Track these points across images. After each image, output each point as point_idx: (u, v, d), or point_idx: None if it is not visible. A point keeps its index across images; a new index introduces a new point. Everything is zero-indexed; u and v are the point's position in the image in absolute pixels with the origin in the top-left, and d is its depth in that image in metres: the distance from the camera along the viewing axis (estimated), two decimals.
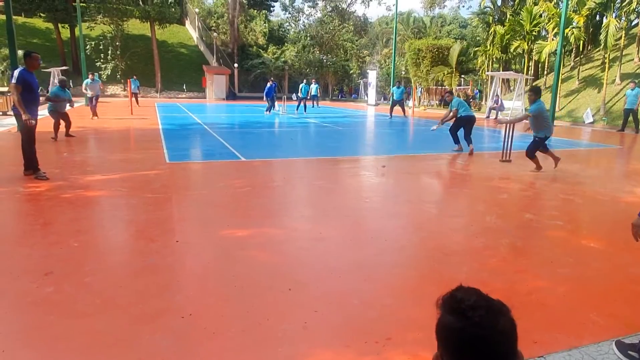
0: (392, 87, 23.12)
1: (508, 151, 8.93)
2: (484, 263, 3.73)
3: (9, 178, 6.46)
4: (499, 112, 22.10)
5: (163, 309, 2.87)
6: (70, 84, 31.34)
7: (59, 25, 35.65)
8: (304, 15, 49.99)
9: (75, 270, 3.42)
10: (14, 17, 11.76)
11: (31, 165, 6.55)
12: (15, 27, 11.90)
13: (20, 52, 6.95)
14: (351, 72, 48.68)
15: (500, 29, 27.30)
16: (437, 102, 34.83)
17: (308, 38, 46.06)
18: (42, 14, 35.40)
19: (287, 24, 51.70)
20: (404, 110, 21.87)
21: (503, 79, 26.85)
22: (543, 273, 3.56)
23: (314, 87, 26.16)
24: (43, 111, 9.39)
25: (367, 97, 37.45)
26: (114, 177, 6.69)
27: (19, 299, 2.98)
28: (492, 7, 31.48)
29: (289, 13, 50.72)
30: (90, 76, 18.06)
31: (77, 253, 3.77)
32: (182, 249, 3.97)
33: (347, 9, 48.52)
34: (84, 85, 17.82)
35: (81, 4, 27.11)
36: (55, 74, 26.38)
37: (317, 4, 48.69)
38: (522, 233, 4.57)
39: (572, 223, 5.11)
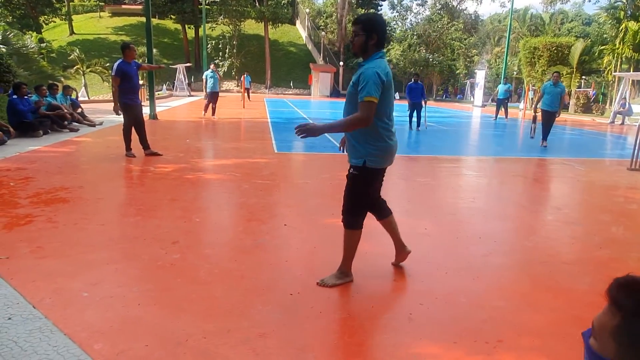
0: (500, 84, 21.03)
1: (638, 159, 7.94)
2: (609, 275, 3.32)
3: (144, 159, 7.25)
4: (626, 117, 19.77)
5: (273, 285, 3.04)
6: (192, 79, 34.32)
7: (186, 26, 39.16)
8: (412, 14, 49.17)
9: (197, 242, 3.76)
10: None
11: (128, 146, 7.34)
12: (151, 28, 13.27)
13: (155, 50, 7.76)
14: (457, 71, 46.79)
15: (633, 25, 24.32)
16: None
17: (414, 37, 45.18)
18: (172, 16, 39.17)
19: (394, 22, 51.22)
20: (506, 112, 19.58)
21: (633, 81, 23.91)
22: None
23: None
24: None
25: (473, 98, 35.73)
26: (229, 163, 7.20)
27: (151, 263, 3.35)
28: (624, 0, 28.13)
29: (397, 12, 50.24)
30: (211, 67, 15.38)
31: (198, 227, 4.15)
32: (289, 232, 4.15)
33: (458, 6, 46.73)
34: (204, 78, 15.00)
35: (206, 7, 29.54)
36: (181, 70, 29.05)
37: (426, 1, 47.63)
38: None
39: None
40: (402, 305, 2.82)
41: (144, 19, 12.80)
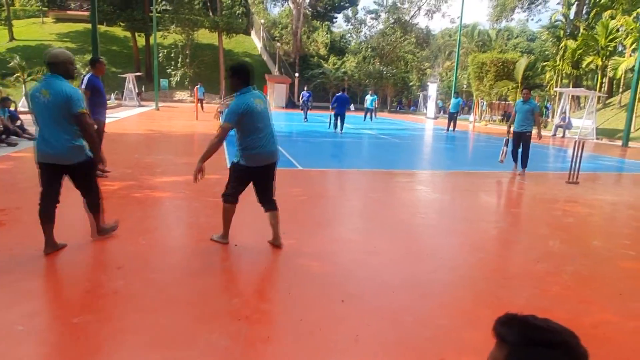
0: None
1: (576, 172, 8.45)
2: (545, 290, 3.57)
3: None
4: (567, 130, 21.03)
5: (220, 310, 3.00)
6: (142, 89, 33.40)
7: (136, 33, 38.10)
8: (366, 27, 50.27)
9: (142, 266, 3.66)
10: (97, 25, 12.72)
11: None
12: (98, 35, 12.87)
13: (102, 58, 7.47)
14: (411, 84, 48.18)
15: (571, 44, 26.02)
16: (499, 117, 33.69)
17: (369, 49, 46.18)
18: (122, 23, 37.99)
19: (349, 35, 52.18)
20: (454, 125, 19.88)
21: (573, 96, 25.51)
22: (611, 306, 3.36)
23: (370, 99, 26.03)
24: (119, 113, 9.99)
25: (426, 109, 36.90)
26: (179, 180, 7.05)
27: (93, 290, 3.23)
28: (563, 20, 30.09)
29: (351, 25, 51.20)
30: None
31: (144, 250, 4.03)
32: (239, 253, 4.12)
33: (410, 21, 48.19)
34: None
35: (157, 14, 28.91)
36: (130, 79, 28.22)
37: (379, 15, 48.82)
38: (588, 261, 4.33)
39: None
40: (349, 327, 2.85)
41: (90, 26, 12.37)
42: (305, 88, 23.94)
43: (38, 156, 3.60)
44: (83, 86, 6.62)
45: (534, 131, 9.07)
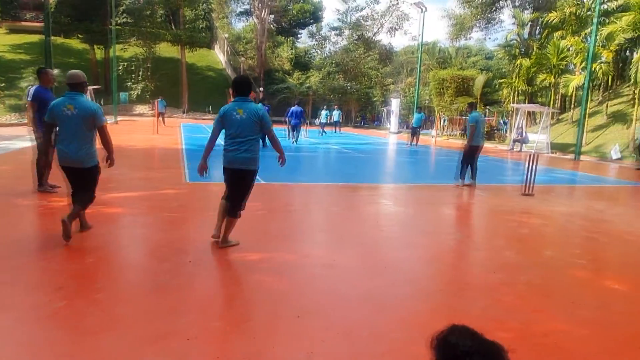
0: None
1: (530, 184, 8.73)
2: (499, 300, 3.61)
3: (38, 194, 6.62)
4: (523, 145, 21.82)
5: (169, 330, 2.85)
6: (101, 102, 32.48)
7: (95, 46, 37.12)
8: (330, 43, 50.93)
9: (87, 286, 3.45)
10: (53, 37, 12.31)
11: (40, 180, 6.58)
12: (53, 47, 12.44)
13: (57, 71, 7.16)
14: (374, 99, 48.99)
15: (526, 62, 27.19)
16: (460, 132, 34.68)
17: (333, 65, 46.74)
18: (79, 35, 36.93)
19: (313, 50, 52.66)
20: (417, 139, 20.78)
21: (528, 112, 26.59)
22: (562, 314, 3.42)
23: (336, 114, 26.34)
24: None
25: (389, 124, 37.57)
26: (134, 195, 6.81)
27: (31, 312, 3.01)
28: (518, 40, 31.47)
29: (316, 40, 51.77)
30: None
31: (90, 269, 3.82)
32: (193, 270, 3.96)
33: (373, 37, 49.22)
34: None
35: (116, 27, 28.31)
36: (88, 92, 27.36)
37: (343, 32, 49.61)
38: (541, 271, 4.42)
39: (596, 263, 4.93)
40: (303, 344, 2.77)
41: (43, 37, 11.93)
42: (265, 102, 23.86)
43: (59, 160, 4.44)
44: (29, 98, 6.24)
45: (474, 143, 9.32)
